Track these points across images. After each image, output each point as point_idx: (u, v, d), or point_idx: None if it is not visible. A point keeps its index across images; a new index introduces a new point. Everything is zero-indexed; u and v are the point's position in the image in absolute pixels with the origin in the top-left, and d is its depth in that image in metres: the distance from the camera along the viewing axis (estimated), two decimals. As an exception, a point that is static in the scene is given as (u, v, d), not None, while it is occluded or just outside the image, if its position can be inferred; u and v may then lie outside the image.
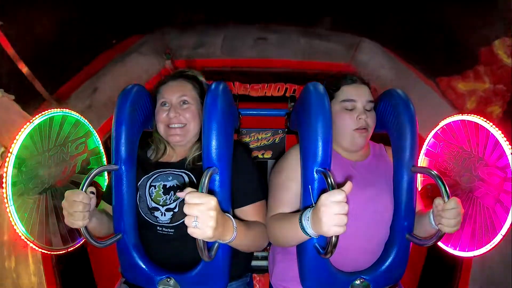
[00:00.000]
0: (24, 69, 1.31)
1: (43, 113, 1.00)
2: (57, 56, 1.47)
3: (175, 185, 0.99)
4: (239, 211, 0.98)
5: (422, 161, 1.22)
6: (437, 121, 1.22)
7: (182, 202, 0.95)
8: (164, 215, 0.96)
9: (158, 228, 0.96)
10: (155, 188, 0.99)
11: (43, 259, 1.20)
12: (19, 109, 1.23)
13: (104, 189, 1.16)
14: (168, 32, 1.99)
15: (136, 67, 1.78)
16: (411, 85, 1.70)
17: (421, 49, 1.70)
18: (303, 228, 0.79)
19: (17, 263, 1.15)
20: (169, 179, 1.00)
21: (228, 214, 0.82)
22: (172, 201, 0.97)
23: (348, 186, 0.72)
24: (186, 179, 0.99)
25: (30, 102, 1.36)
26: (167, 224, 0.96)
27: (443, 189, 0.84)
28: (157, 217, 0.97)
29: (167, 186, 0.99)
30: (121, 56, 1.77)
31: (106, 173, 1.25)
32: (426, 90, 1.64)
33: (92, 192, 0.85)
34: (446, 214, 0.82)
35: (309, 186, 0.86)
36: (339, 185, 0.74)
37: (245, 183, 0.99)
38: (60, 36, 1.45)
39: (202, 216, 0.69)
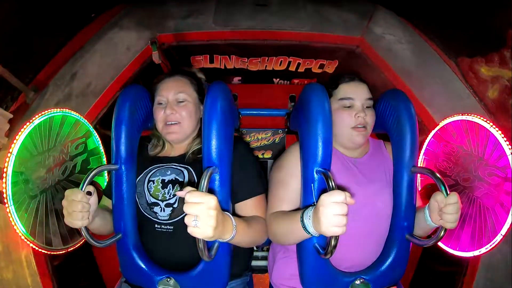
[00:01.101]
0: None
1: (42, 113, 1.00)
2: (27, 41, 1.29)
3: (174, 179, 0.99)
4: (239, 205, 0.99)
5: (422, 161, 1.22)
6: (456, 108, 1.15)
7: (182, 198, 0.95)
8: (164, 210, 0.96)
9: (156, 226, 0.96)
10: (153, 183, 1.00)
11: (36, 258, 1.17)
12: None
13: (105, 186, 1.17)
14: (152, 4, 1.66)
15: (117, 44, 1.54)
16: (430, 64, 1.49)
17: (442, 23, 1.49)
18: (304, 227, 0.79)
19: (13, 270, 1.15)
20: (168, 173, 1.00)
21: (227, 213, 0.82)
22: (171, 196, 0.97)
23: (350, 199, 0.71)
24: (185, 173, 0.99)
25: (7, 96, 1.25)
26: (166, 221, 0.96)
27: (443, 189, 0.84)
28: (156, 213, 0.97)
29: (166, 181, 0.99)
30: (99, 33, 1.54)
31: (106, 173, 1.25)
32: (447, 72, 1.45)
33: (89, 192, 0.85)
34: (447, 209, 0.82)
35: (312, 185, 0.86)
36: (340, 187, 0.74)
37: (245, 177, 0.99)
38: (27, 18, 1.25)
39: (202, 215, 0.69)
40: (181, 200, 0.96)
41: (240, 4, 1.69)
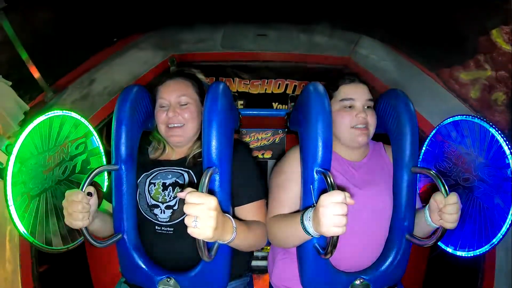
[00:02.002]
0: (25, 57, 1.32)
1: (43, 113, 1.00)
2: (57, 49, 1.49)
3: (174, 182, 0.99)
4: (239, 210, 0.98)
5: (422, 161, 1.22)
6: (444, 111, 1.24)
7: (182, 200, 0.95)
8: (164, 212, 0.96)
9: (156, 227, 0.96)
10: (154, 186, 1.00)
11: (22, 247, 1.16)
12: (15, 96, 1.22)
13: (105, 190, 1.17)
14: (168, 30, 2.02)
15: (135, 60, 1.80)
16: (413, 76, 1.71)
17: (420, 42, 1.73)
18: (304, 228, 0.79)
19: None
20: (169, 177, 1.00)
21: (228, 215, 0.82)
22: (171, 198, 0.97)
23: (350, 200, 0.71)
24: (186, 176, 0.99)
25: (28, 91, 1.37)
26: (166, 223, 0.96)
27: (443, 189, 0.84)
28: (156, 215, 0.97)
29: (167, 184, 0.99)
30: (120, 51, 1.79)
31: (106, 173, 1.25)
32: (429, 81, 1.66)
33: (89, 193, 0.85)
34: (447, 209, 0.82)
35: (311, 186, 0.86)
36: (340, 187, 0.74)
37: (246, 182, 0.99)
38: (61, 29, 1.47)
39: (202, 216, 0.69)
40: (181, 202, 0.96)
41: (244, 33, 2.05)
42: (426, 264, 1.59)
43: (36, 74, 1.37)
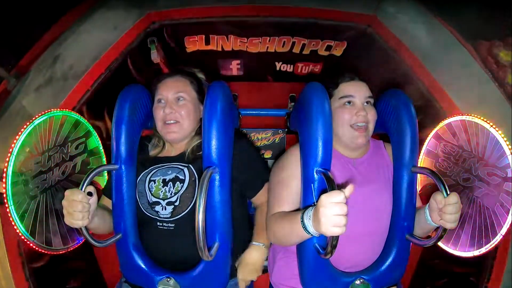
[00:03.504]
0: None
1: (42, 113, 1.00)
2: (10, 26, 1.25)
3: (174, 177, 0.99)
4: (257, 196, 1.10)
5: (422, 161, 1.22)
6: (475, 94, 1.12)
7: (183, 195, 0.95)
8: (165, 209, 0.96)
9: (158, 223, 0.97)
10: (154, 183, 1.00)
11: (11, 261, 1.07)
12: None
13: (104, 186, 1.17)
14: None
15: (103, 24, 1.43)
16: (448, 47, 1.38)
17: (456, 6, 1.40)
18: (304, 227, 0.79)
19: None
20: (169, 173, 1.01)
21: (255, 248, 1.05)
22: (173, 194, 0.97)
23: (349, 189, 0.72)
24: (186, 171, 1.00)
25: None
26: (167, 219, 0.96)
27: (443, 189, 0.84)
28: (157, 212, 0.97)
29: (167, 180, 0.99)
30: (85, 14, 1.43)
31: (106, 173, 1.25)
32: (465, 55, 1.34)
33: (90, 193, 0.85)
34: (447, 209, 0.82)
35: (312, 185, 0.86)
36: (340, 186, 0.74)
37: (255, 172, 1.09)
38: (10, 2, 1.21)
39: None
40: (182, 198, 0.96)
41: None
42: (426, 264, 1.57)
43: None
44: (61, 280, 1.31)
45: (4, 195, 0.90)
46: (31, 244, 0.95)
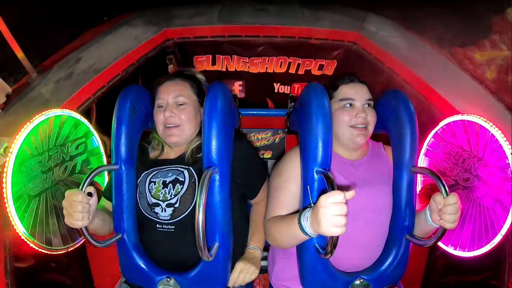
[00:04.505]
0: (9, 39, 1.28)
1: (42, 113, 1.00)
2: (44, 30, 1.45)
3: (174, 179, 0.99)
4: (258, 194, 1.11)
5: (422, 161, 1.22)
6: (460, 91, 1.22)
7: (183, 196, 0.95)
8: (165, 210, 0.96)
9: (158, 226, 0.96)
10: (154, 184, 1.00)
11: None
12: None
13: (104, 187, 1.17)
14: (161, 6, 1.88)
15: (125, 37, 1.68)
16: (426, 55, 1.59)
17: (431, 21, 1.61)
18: (302, 229, 0.79)
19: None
20: (169, 175, 1.01)
21: (252, 253, 1.05)
22: (172, 196, 0.97)
23: (350, 193, 0.71)
24: (186, 174, 0.99)
25: (12, 73, 1.35)
26: (167, 221, 0.96)
27: (442, 189, 0.84)
28: (157, 213, 0.97)
29: (167, 182, 0.99)
30: (110, 30, 1.69)
31: (106, 173, 1.25)
32: (443, 60, 1.54)
33: (90, 194, 0.85)
34: (447, 209, 0.82)
35: (308, 187, 0.86)
36: (340, 188, 0.74)
37: (256, 172, 1.10)
38: (48, 10, 1.43)
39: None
40: (182, 200, 0.96)
41: (243, 7, 1.86)
42: (426, 264, 1.58)
43: (20, 54, 1.32)
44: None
45: (4, 195, 0.90)
46: (31, 244, 0.95)
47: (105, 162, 1.27)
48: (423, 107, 1.43)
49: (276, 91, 2.15)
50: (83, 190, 0.83)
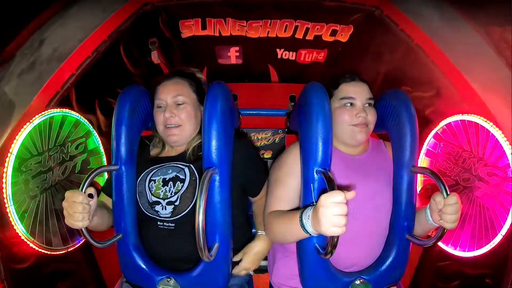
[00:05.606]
0: None
1: (42, 113, 1.00)
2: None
3: (175, 176, 0.99)
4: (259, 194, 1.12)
5: (422, 161, 1.22)
6: (491, 79, 1.06)
7: (184, 194, 0.95)
8: (165, 208, 0.96)
9: (159, 223, 0.96)
10: (154, 183, 1.00)
11: None
12: None
13: (103, 184, 1.17)
14: None
15: (92, 8, 1.34)
16: (461, 32, 1.28)
17: None
18: (303, 226, 0.79)
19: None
20: (169, 172, 1.00)
21: (258, 239, 1.08)
22: (173, 194, 0.97)
23: (350, 194, 0.72)
24: (186, 171, 0.99)
25: None
26: (168, 219, 0.96)
27: (443, 189, 0.84)
28: (158, 211, 0.97)
29: (167, 179, 0.99)
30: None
31: (106, 173, 1.25)
32: (478, 40, 1.24)
33: (91, 195, 0.85)
34: (447, 209, 0.82)
35: (311, 185, 0.86)
36: (340, 187, 0.74)
37: (257, 172, 1.10)
38: None
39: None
40: (183, 197, 0.96)
41: None
42: (425, 263, 1.57)
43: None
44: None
45: (4, 195, 0.90)
46: (31, 244, 0.95)
47: (105, 162, 1.27)
48: (454, 103, 1.21)
49: (279, 57, 1.82)
50: (83, 191, 0.83)
